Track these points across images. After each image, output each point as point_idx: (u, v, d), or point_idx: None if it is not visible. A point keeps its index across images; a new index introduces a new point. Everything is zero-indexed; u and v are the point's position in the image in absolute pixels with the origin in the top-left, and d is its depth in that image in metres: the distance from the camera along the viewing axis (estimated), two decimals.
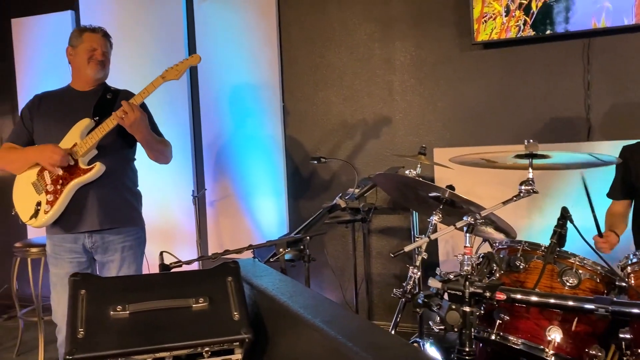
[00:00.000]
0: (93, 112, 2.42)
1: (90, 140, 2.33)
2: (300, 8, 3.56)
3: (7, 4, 4.46)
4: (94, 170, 2.34)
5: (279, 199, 3.67)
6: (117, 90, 2.57)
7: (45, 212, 2.34)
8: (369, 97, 3.44)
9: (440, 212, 2.00)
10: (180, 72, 2.41)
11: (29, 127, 2.49)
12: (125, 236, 2.48)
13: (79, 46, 2.46)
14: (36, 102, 2.52)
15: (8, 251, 4.65)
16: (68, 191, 2.34)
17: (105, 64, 2.50)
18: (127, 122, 2.29)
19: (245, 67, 3.69)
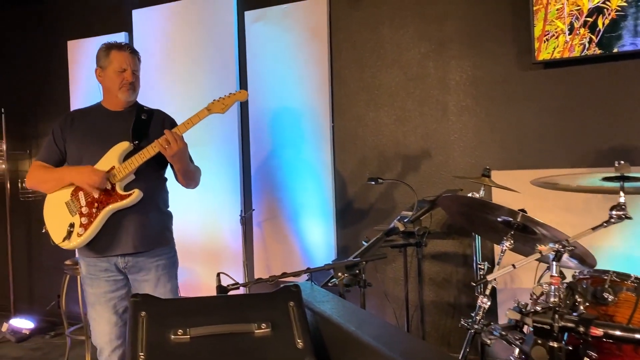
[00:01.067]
0: (132, 136, 2.39)
1: (129, 165, 2.31)
2: (351, 28, 3.52)
3: (64, 27, 4.59)
4: (131, 197, 2.30)
5: (327, 221, 3.59)
6: (150, 110, 2.55)
7: (79, 235, 2.30)
8: (422, 118, 3.35)
9: (511, 237, 1.88)
10: (226, 107, 2.39)
11: (60, 146, 2.45)
12: (158, 256, 2.44)
13: (108, 67, 2.43)
14: (68, 120, 2.48)
15: (57, 268, 4.72)
16: (103, 215, 2.30)
17: (136, 85, 2.47)
18: (169, 153, 2.28)
19: (295, 87, 3.67)
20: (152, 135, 2.42)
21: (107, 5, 4.42)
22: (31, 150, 4.81)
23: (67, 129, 2.45)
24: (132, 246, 2.37)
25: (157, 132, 2.42)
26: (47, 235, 4.37)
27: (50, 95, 4.70)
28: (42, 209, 2.45)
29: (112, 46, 2.44)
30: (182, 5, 4.04)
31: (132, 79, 2.43)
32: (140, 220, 2.37)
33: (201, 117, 2.37)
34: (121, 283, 2.41)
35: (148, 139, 2.39)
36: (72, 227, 2.32)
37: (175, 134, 2.28)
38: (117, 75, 2.41)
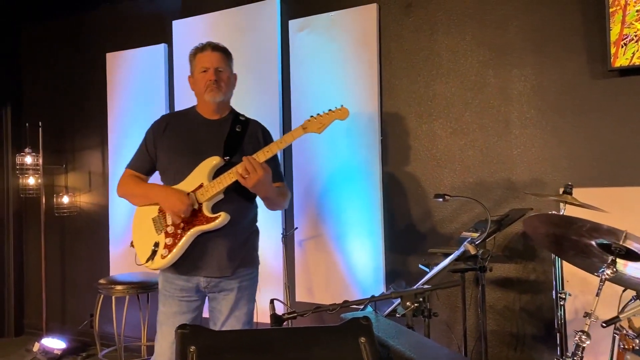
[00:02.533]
0: (224, 151, 2.23)
1: (218, 185, 2.14)
2: (403, 35, 3.31)
3: (103, 39, 4.51)
4: (218, 220, 2.15)
5: (375, 241, 3.34)
6: (246, 120, 2.39)
7: (163, 257, 2.17)
8: (482, 130, 3.09)
9: (613, 264, 1.60)
10: (323, 126, 2.19)
11: (152, 153, 2.35)
12: (242, 277, 2.29)
13: (194, 71, 2.32)
14: (162, 125, 2.36)
15: (90, 286, 4.57)
16: (188, 237, 2.16)
17: (221, 83, 2.28)
18: (248, 184, 2.09)
19: (342, 97, 3.44)
20: (246, 149, 2.27)
21: (147, 17, 4.32)
22: (67, 165, 4.72)
23: (160, 134, 2.34)
24: (218, 270, 2.24)
25: (251, 147, 2.28)
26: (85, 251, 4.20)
27: (87, 109, 4.61)
28: (78, 226, 2.30)
29: (197, 49, 2.33)
30: (224, 15, 3.90)
31: (215, 77, 2.26)
32: (227, 243, 2.24)
33: (295, 136, 2.16)
34: (195, 305, 2.28)
35: (241, 154, 2.22)
36: (156, 247, 2.20)
37: (253, 162, 2.08)
38: (201, 76, 2.28)
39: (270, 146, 2.15)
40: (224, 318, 2.26)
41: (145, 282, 3.46)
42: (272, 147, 2.15)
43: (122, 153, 4.34)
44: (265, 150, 2.14)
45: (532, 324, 2.94)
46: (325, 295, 3.53)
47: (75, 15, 4.68)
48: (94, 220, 4.55)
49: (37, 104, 4.90)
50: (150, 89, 4.24)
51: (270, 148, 2.14)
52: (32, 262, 4.90)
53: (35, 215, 4.76)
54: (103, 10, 4.55)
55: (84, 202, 4.64)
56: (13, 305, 4.88)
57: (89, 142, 4.61)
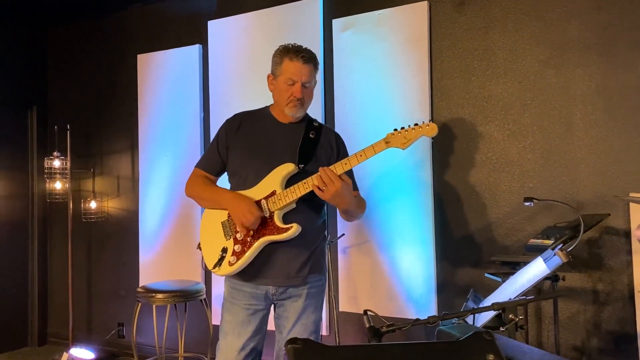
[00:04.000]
0: (298, 158, 2.13)
1: (291, 194, 2.04)
2: (455, 34, 3.17)
3: (134, 40, 4.40)
4: (289, 232, 2.04)
5: (425, 249, 3.18)
6: (320, 126, 2.28)
7: (230, 264, 2.08)
8: (542, 133, 2.95)
9: None
10: (408, 142, 2.02)
11: (223, 154, 2.24)
12: (311, 283, 2.17)
13: (279, 77, 2.16)
14: (235, 124, 2.24)
15: (117, 295, 4.43)
16: (258, 246, 2.06)
17: (305, 101, 2.17)
18: (326, 195, 1.97)
19: (389, 100, 3.32)
20: (320, 157, 2.19)
21: (180, 17, 4.21)
22: (95, 169, 4.59)
23: (233, 134, 2.23)
24: (286, 279, 2.13)
25: (324, 155, 2.21)
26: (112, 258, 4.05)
27: (117, 112, 4.49)
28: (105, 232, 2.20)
29: (287, 51, 2.14)
30: (262, 14, 3.78)
31: (301, 95, 2.13)
32: (296, 252, 2.12)
33: (377, 150, 2.00)
34: (261, 314, 2.17)
35: (315, 161, 2.14)
36: (224, 253, 2.11)
37: (330, 174, 1.95)
38: (286, 88, 2.13)
39: (349, 158, 2.01)
40: (290, 325, 2.15)
41: (186, 290, 3.31)
42: (351, 160, 2.00)
43: (152, 157, 4.22)
44: (343, 162, 2.01)
45: (597, 336, 2.78)
46: (369, 305, 3.36)
47: (105, 16, 4.57)
48: (123, 226, 4.41)
49: (65, 107, 4.78)
50: (183, 91, 4.11)
51: (350, 160, 2.00)
52: (57, 269, 4.76)
53: (61, 220, 4.63)
54: (134, 10, 4.44)
55: (112, 208, 4.51)
56: (37, 313, 4.74)
57: (118, 146, 4.48)
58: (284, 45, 2.18)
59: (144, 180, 4.26)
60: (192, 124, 4.05)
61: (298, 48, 2.15)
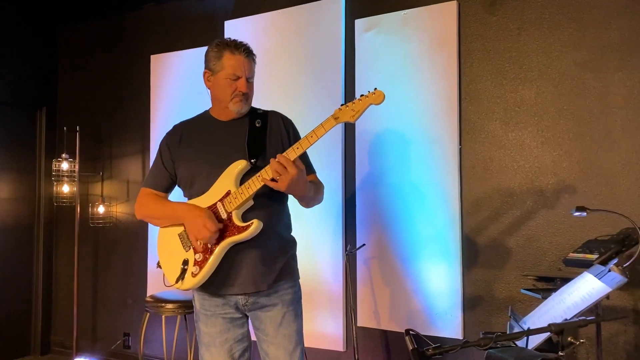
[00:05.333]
0: (249, 152, 2.01)
1: (247, 190, 1.94)
2: (486, 35, 3.01)
3: (148, 40, 4.27)
4: (250, 229, 1.92)
5: (452, 262, 3.00)
6: (264, 113, 2.15)
7: (193, 275, 1.95)
8: (579, 140, 2.77)
9: None
10: (357, 113, 1.93)
11: (170, 169, 2.13)
12: (284, 290, 2.05)
13: (219, 73, 2.03)
14: (176, 137, 2.14)
15: (123, 303, 4.26)
16: (220, 251, 1.94)
17: (249, 95, 2.08)
18: (282, 185, 1.87)
19: (415, 103, 3.16)
20: (271, 147, 2.06)
21: (196, 17, 4.08)
22: (103, 173, 4.45)
23: (176, 147, 2.13)
24: (253, 285, 1.99)
25: (276, 143, 2.07)
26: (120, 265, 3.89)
27: (128, 114, 4.36)
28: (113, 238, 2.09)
29: (226, 46, 2.03)
30: (282, 14, 3.64)
31: (247, 90, 2.04)
32: (261, 253, 2.00)
33: (327, 128, 1.91)
34: (239, 322, 2.07)
35: (266, 152, 2.03)
36: (185, 265, 1.98)
37: (283, 160, 1.85)
38: (228, 83, 2.03)
39: (300, 142, 1.90)
40: (271, 338, 2.02)
41: None
42: (302, 143, 1.90)
43: None
44: (295, 147, 1.90)
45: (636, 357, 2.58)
46: (391, 321, 3.18)
47: (118, 16, 4.46)
48: (131, 232, 4.26)
49: (74, 108, 4.66)
50: (198, 93, 3.88)
51: (301, 144, 1.90)
52: (63, 275, 4.61)
53: (68, 224, 4.49)
54: (148, 10, 4.32)
55: (121, 213, 4.35)
56: (41, 320, 4.57)
57: (129, 149, 4.34)
58: (219, 40, 2.06)
59: None
60: None
61: (236, 42, 2.04)
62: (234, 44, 2.02)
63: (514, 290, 2.84)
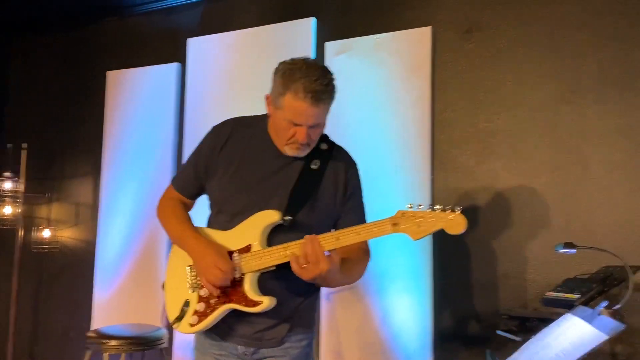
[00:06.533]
0: (288, 205, 1.64)
1: (267, 260, 1.59)
2: (460, 62, 2.92)
3: (106, 56, 4.04)
4: (258, 308, 1.59)
5: (422, 297, 2.82)
6: (329, 150, 1.75)
7: (191, 325, 1.68)
8: (555, 173, 2.67)
9: None
10: (422, 234, 1.56)
11: (201, 175, 1.77)
12: (290, 344, 1.72)
13: (278, 111, 1.63)
14: (222, 136, 1.75)
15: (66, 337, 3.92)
16: (221, 312, 1.65)
17: (310, 144, 1.67)
18: (304, 275, 1.50)
19: (386, 131, 3.02)
20: (320, 201, 1.70)
21: (159, 33, 3.88)
22: (52, 194, 4.13)
23: (217, 152, 1.73)
24: (257, 338, 1.70)
25: (327, 196, 1.72)
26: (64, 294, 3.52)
27: (80, 132, 4.09)
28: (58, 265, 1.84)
29: (293, 81, 1.56)
30: (249, 33, 3.48)
31: (306, 140, 1.63)
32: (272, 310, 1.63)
33: (380, 233, 1.57)
34: None
35: (310, 207, 1.67)
36: (186, 307, 1.69)
37: (318, 249, 1.49)
38: (287, 126, 1.62)
39: (345, 235, 1.56)
40: None
41: (144, 337, 2.86)
42: (347, 237, 1.56)
43: (117, 184, 3.80)
44: (336, 235, 1.56)
45: None
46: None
47: (76, 29, 4.22)
48: (79, 259, 3.94)
49: (23, 124, 4.35)
50: (157, 112, 3.75)
51: (345, 237, 1.56)
52: None
53: (7, 250, 4.12)
54: (108, 24, 4.09)
55: (68, 238, 4.04)
56: None
57: (80, 170, 4.06)
58: (290, 66, 1.60)
59: (106, 208, 3.82)
60: (164, 148, 3.67)
61: (308, 82, 1.55)
62: (302, 86, 1.54)
63: (489, 330, 2.68)
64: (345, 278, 1.67)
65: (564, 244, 1.99)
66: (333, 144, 1.81)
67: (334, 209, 1.73)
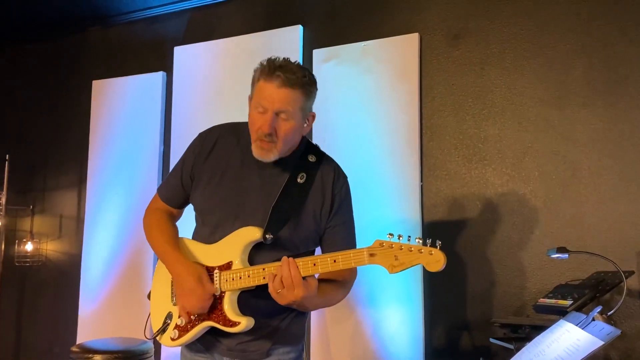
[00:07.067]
0: (269, 222, 1.55)
1: (246, 280, 1.53)
2: (448, 69, 2.91)
3: (90, 65, 3.99)
4: (236, 328, 1.53)
5: (412, 306, 2.79)
6: (317, 162, 1.67)
7: (172, 339, 1.64)
8: (543, 179, 2.65)
9: None
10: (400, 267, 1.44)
11: (186, 184, 1.71)
12: (275, 357, 1.64)
13: (250, 103, 1.59)
14: (208, 144, 1.68)
15: (50, 353, 3.82)
16: (199, 330, 1.60)
17: (277, 140, 1.54)
18: (280, 300, 1.46)
19: (375, 138, 2.99)
20: (304, 216, 1.60)
21: (144, 42, 3.84)
22: (34, 207, 4.05)
23: (202, 159, 1.67)
24: (242, 350, 1.62)
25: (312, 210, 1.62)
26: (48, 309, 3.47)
27: (65, 143, 4.02)
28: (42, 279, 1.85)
29: (263, 70, 1.54)
30: (236, 41, 3.45)
31: (268, 130, 1.52)
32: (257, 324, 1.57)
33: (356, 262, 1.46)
34: None
35: (292, 224, 1.58)
36: (169, 320, 1.65)
37: (295, 276, 1.43)
38: (255, 116, 1.55)
39: (323, 262, 1.47)
40: None
41: (130, 351, 2.78)
42: (324, 264, 1.47)
43: (101, 195, 3.73)
44: (314, 259, 1.47)
45: None
46: None
47: (60, 38, 4.16)
48: (63, 272, 3.86)
49: (5, 135, 4.27)
50: (142, 122, 3.70)
51: (322, 264, 1.47)
52: None
53: None
54: (92, 33, 4.05)
55: (52, 251, 3.95)
56: None
57: (64, 181, 3.98)
58: (270, 59, 1.56)
59: (90, 220, 3.75)
60: (150, 158, 3.62)
61: (282, 64, 1.53)
62: (274, 70, 1.50)
63: (481, 338, 2.65)
64: (324, 302, 1.61)
65: (557, 248, 1.96)
66: (322, 156, 1.72)
67: (320, 224, 1.65)
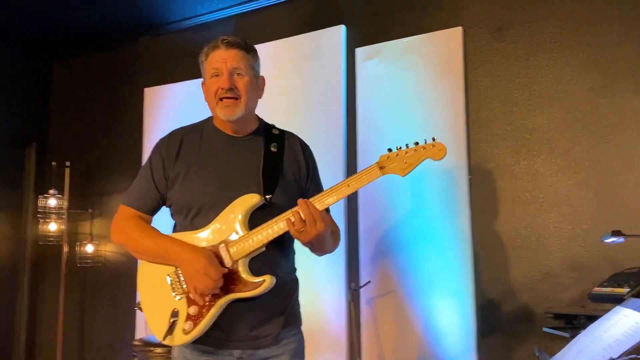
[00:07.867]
0: (264, 185, 1.63)
1: (259, 239, 1.56)
2: (493, 61, 2.91)
3: (142, 73, 4.17)
4: (261, 288, 1.54)
5: (464, 299, 2.79)
6: (281, 133, 1.79)
7: (185, 332, 1.57)
8: (595, 168, 2.62)
9: None
10: (410, 167, 1.57)
11: (161, 187, 1.70)
12: (287, 340, 1.67)
13: (205, 76, 1.70)
14: (173, 147, 1.71)
15: (111, 348, 4.00)
16: (219, 307, 1.57)
17: (241, 93, 1.64)
18: (304, 238, 1.53)
19: (419, 133, 2.98)
20: (287, 180, 1.70)
21: (193, 48, 3.96)
22: (94, 210, 4.25)
23: (172, 161, 1.69)
24: (254, 340, 1.63)
25: (292, 175, 1.73)
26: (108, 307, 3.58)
27: (121, 149, 4.21)
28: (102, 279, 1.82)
29: (207, 47, 1.70)
30: (281, 44, 3.54)
31: (229, 84, 1.62)
32: (265, 304, 1.61)
33: (369, 179, 1.55)
34: None
35: (281, 187, 1.67)
36: (175, 317, 1.58)
37: (314, 211, 1.51)
38: (212, 83, 1.66)
39: (336, 189, 1.55)
40: None
41: None
42: (340, 191, 1.55)
43: None
44: (328, 193, 1.55)
45: None
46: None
47: (112, 49, 4.37)
48: (121, 272, 4.03)
49: (65, 144, 4.51)
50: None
51: (338, 192, 1.54)
52: (47, 318, 4.35)
53: (54, 265, 4.25)
54: (143, 43, 4.23)
55: (110, 252, 4.14)
56: None
57: (120, 185, 4.16)
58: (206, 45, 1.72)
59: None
60: None
61: (222, 36, 1.68)
62: (215, 39, 1.68)
63: (533, 329, 2.63)
64: (332, 243, 1.70)
65: (612, 232, 1.94)
66: (282, 130, 1.84)
67: (302, 187, 1.75)
